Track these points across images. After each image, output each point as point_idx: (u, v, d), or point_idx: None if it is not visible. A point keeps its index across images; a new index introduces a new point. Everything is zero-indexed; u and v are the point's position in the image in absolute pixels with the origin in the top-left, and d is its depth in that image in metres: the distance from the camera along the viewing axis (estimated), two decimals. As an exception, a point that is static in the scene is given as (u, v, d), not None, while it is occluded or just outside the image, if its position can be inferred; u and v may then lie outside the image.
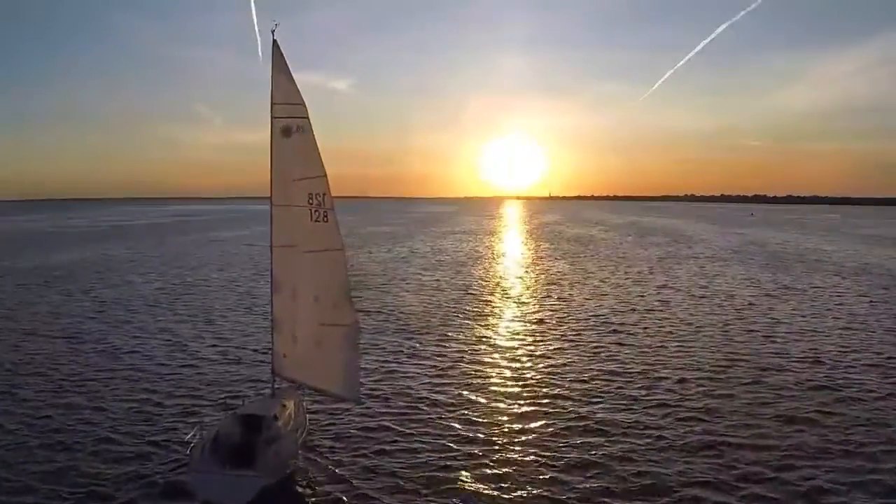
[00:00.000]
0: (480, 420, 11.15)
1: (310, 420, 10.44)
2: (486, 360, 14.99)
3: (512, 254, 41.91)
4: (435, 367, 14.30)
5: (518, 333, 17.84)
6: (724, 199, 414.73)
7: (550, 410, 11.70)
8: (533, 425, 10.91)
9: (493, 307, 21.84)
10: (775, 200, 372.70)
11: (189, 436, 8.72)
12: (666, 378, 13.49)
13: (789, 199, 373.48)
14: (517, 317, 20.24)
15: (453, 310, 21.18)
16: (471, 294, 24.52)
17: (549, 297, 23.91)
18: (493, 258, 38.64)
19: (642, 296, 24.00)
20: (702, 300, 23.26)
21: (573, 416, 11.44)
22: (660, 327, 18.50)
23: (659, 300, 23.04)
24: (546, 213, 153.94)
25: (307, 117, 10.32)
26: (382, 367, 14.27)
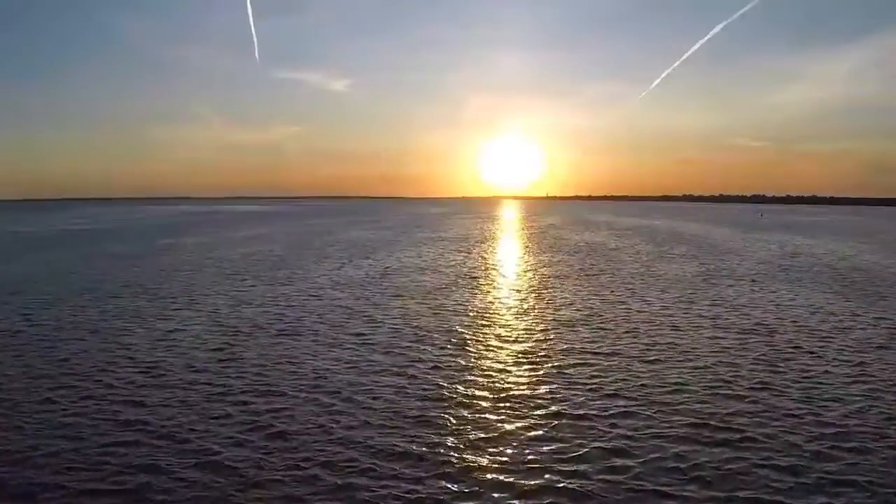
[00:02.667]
0: None
1: None
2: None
3: (509, 271, 33.68)
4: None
5: (527, 442, 9.70)
6: (722, 199, 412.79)
7: None
8: None
9: (482, 383, 13.57)
10: (774, 200, 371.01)
11: None
12: None
13: (788, 199, 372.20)
14: (521, 402, 12.05)
15: (412, 399, 12.95)
16: (447, 353, 16.25)
17: (566, 354, 15.67)
18: (485, 278, 30.43)
19: (699, 348, 15.84)
20: (798, 363, 15.02)
21: None
22: (763, 425, 10.34)
23: (728, 357, 14.89)
24: (545, 214, 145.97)
25: None
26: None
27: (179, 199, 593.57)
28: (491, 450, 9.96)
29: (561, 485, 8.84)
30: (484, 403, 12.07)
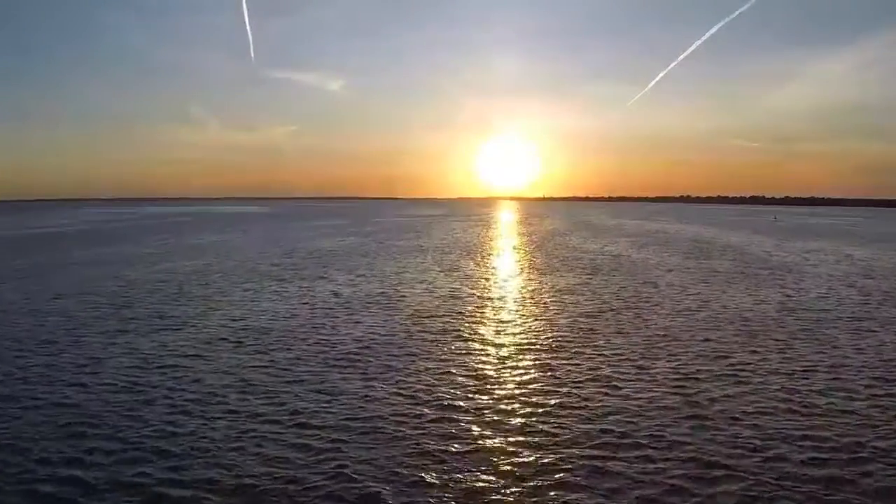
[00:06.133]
0: None
1: None
2: None
3: (509, 308, 23.96)
4: None
5: None
6: (720, 200, 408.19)
7: None
8: None
9: None
10: (773, 201, 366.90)
11: None
12: None
13: (786, 201, 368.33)
14: None
15: None
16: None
17: None
18: (473, 322, 20.78)
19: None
20: None
21: None
22: None
23: None
24: (543, 216, 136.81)
25: None
26: None
27: (177, 199, 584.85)
28: None
29: None
30: None
